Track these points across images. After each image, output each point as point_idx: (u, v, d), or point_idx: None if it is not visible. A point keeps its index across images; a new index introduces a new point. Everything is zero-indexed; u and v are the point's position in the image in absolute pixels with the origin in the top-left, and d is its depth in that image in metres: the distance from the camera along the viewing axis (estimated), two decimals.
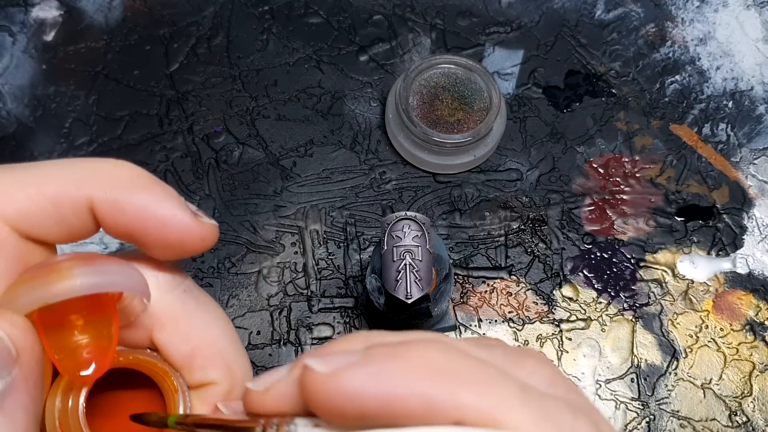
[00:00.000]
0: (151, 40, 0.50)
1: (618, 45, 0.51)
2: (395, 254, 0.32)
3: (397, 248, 0.32)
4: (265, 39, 0.51)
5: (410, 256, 0.32)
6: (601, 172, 0.48)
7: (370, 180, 0.47)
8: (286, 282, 0.45)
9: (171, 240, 0.22)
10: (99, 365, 0.21)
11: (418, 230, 0.33)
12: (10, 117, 0.48)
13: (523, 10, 0.52)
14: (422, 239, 0.33)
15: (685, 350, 0.43)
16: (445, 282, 0.36)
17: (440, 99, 0.46)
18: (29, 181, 0.21)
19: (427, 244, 0.32)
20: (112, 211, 0.21)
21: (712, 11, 0.52)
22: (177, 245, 0.22)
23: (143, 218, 0.21)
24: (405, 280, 0.32)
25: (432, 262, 0.33)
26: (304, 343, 0.43)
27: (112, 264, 0.21)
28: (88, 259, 0.20)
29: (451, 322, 0.42)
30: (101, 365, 0.21)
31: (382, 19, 0.51)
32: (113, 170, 0.22)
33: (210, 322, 0.23)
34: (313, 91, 0.49)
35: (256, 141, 0.48)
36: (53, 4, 0.51)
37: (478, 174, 0.47)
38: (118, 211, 0.21)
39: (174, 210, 0.22)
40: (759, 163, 0.48)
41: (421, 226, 0.33)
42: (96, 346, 0.21)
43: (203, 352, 0.23)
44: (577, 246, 0.46)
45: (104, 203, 0.21)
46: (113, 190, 0.21)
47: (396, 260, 0.32)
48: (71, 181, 0.21)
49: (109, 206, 0.21)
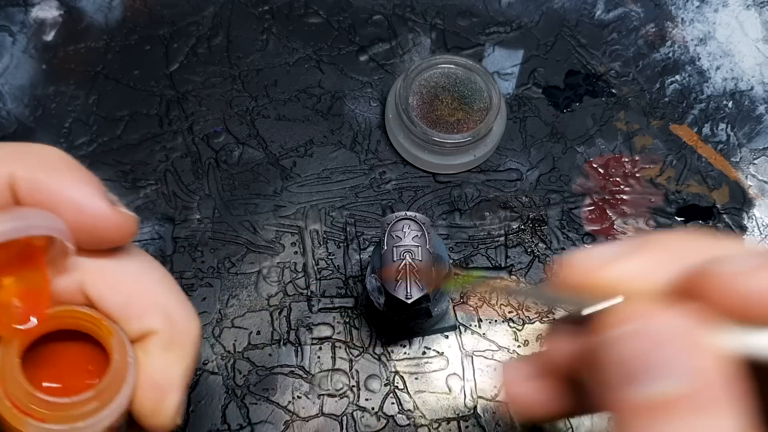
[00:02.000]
0: (151, 40, 0.50)
1: (618, 45, 0.51)
2: (395, 254, 0.32)
3: (397, 248, 0.33)
4: (265, 39, 0.51)
5: (410, 256, 0.32)
6: (601, 172, 0.48)
7: (370, 180, 0.47)
8: (286, 282, 0.45)
9: (86, 225, 0.22)
10: (34, 316, 0.21)
11: (418, 230, 0.33)
12: (10, 117, 0.48)
13: (523, 10, 0.52)
14: (422, 239, 0.33)
15: None
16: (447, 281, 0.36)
17: (440, 99, 0.46)
18: None
19: (427, 244, 0.33)
20: (30, 189, 0.22)
21: (712, 11, 0.52)
22: (91, 231, 0.22)
23: (58, 199, 0.22)
24: (405, 280, 0.32)
25: (432, 262, 0.33)
26: (303, 343, 0.43)
27: (29, 210, 0.21)
28: (5, 208, 0.21)
29: (451, 322, 0.42)
30: (36, 315, 0.21)
31: (382, 19, 0.51)
32: (40, 152, 0.23)
33: (142, 271, 0.24)
34: (313, 91, 0.49)
35: (256, 141, 0.48)
36: (53, 4, 0.51)
37: (478, 174, 0.47)
38: (36, 189, 0.22)
39: (90, 195, 0.22)
40: (759, 163, 0.48)
41: (421, 226, 0.33)
42: (28, 298, 0.21)
43: (138, 301, 0.23)
44: (577, 246, 0.46)
45: (24, 181, 0.22)
46: (34, 169, 0.22)
47: (396, 260, 0.32)
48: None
49: (28, 184, 0.22)
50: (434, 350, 0.43)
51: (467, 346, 0.43)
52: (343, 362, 0.43)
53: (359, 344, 0.43)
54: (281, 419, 0.42)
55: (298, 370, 0.43)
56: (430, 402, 0.42)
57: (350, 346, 0.43)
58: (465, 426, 0.42)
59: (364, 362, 0.43)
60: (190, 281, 0.45)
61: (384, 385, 0.42)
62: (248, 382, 0.42)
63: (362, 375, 0.43)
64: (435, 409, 0.42)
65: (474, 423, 0.42)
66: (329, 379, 0.42)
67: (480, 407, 0.42)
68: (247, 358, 0.43)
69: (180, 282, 0.44)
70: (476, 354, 0.43)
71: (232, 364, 0.43)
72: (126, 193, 0.46)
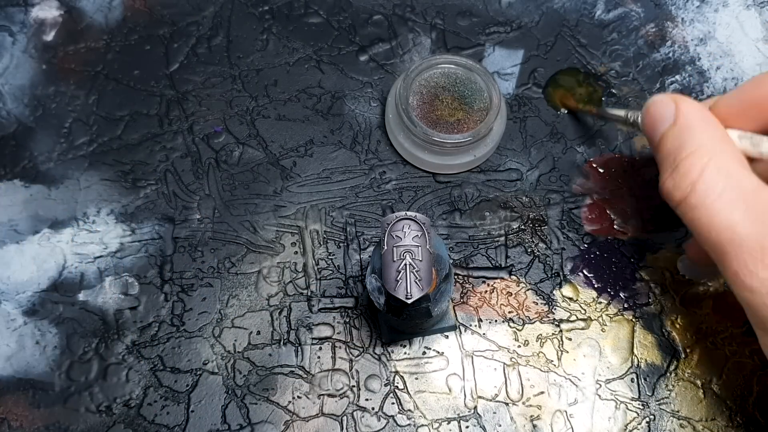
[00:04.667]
0: (151, 40, 0.50)
1: (618, 45, 0.51)
2: (395, 254, 0.32)
3: (397, 248, 0.33)
4: (265, 39, 0.51)
5: (410, 256, 0.32)
6: (601, 172, 0.48)
7: (370, 180, 0.47)
8: (286, 282, 0.45)
9: None
10: None
11: (418, 230, 0.33)
12: (10, 117, 0.48)
13: (523, 10, 0.52)
14: (422, 239, 0.33)
15: (685, 350, 0.43)
16: (445, 282, 0.36)
17: (440, 99, 0.46)
18: None
19: (427, 244, 0.33)
20: None
21: (712, 11, 0.52)
22: None
23: None
24: (405, 280, 0.32)
25: (432, 262, 0.33)
26: (304, 343, 0.43)
27: None
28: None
29: (451, 322, 0.42)
30: None
31: (382, 19, 0.51)
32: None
33: None
34: (313, 91, 0.49)
35: (256, 141, 0.48)
36: (53, 4, 0.51)
37: (478, 174, 0.47)
38: None
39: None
40: None
41: (421, 226, 0.33)
42: None
43: None
44: (577, 246, 0.46)
45: None
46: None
47: (396, 260, 0.32)
48: None
49: None
50: (434, 350, 0.43)
51: (467, 346, 0.43)
52: (343, 362, 0.43)
53: (359, 344, 0.43)
54: (281, 419, 0.42)
55: (298, 370, 0.43)
56: (430, 402, 0.42)
57: (350, 346, 0.43)
58: (465, 426, 0.42)
59: (364, 362, 0.43)
60: (190, 281, 0.45)
61: (384, 385, 0.42)
62: (248, 382, 0.42)
63: (362, 375, 0.43)
64: (435, 409, 0.42)
65: (474, 423, 0.42)
66: (329, 379, 0.43)
67: (480, 407, 0.42)
68: (247, 358, 0.43)
69: (180, 282, 0.44)
70: (476, 354, 0.43)
71: (232, 364, 0.43)
72: (126, 193, 0.47)
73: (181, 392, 0.42)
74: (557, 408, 0.42)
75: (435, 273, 0.35)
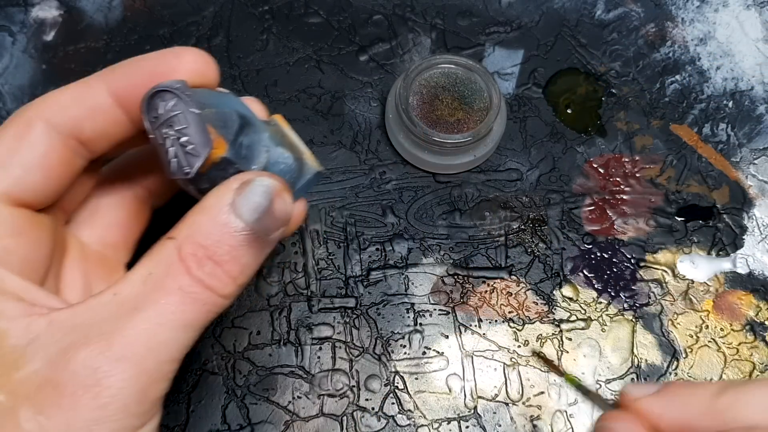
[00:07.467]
0: (151, 40, 0.50)
1: (618, 45, 0.51)
2: (159, 136, 0.28)
3: (159, 128, 0.28)
4: (265, 39, 0.51)
5: (172, 129, 0.28)
6: (601, 172, 0.48)
7: (370, 180, 0.47)
8: (286, 282, 0.45)
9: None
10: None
11: (171, 98, 0.28)
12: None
13: (523, 10, 0.52)
14: (180, 104, 0.28)
15: (685, 350, 0.43)
16: (245, 134, 0.30)
17: (440, 99, 0.46)
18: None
19: (188, 108, 0.28)
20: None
21: (712, 11, 0.52)
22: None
23: None
24: (176, 156, 0.28)
25: (204, 121, 0.28)
26: (304, 343, 0.43)
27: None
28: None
29: (312, 171, 0.36)
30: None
31: (382, 19, 0.51)
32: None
33: None
34: (313, 91, 0.49)
35: None
36: (53, 4, 0.51)
37: (478, 174, 0.47)
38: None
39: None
40: (759, 163, 0.48)
41: (173, 92, 0.28)
42: None
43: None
44: (577, 246, 0.46)
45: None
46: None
47: (162, 142, 0.28)
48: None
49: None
50: (434, 350, 0.43)
51: (467, 346, 0.43)
52: (343, 362, 0.43)
53: (359, 344, 0.43)
54: (281, 419, 0.42)
55: (298, 370, 0.43)
56: (430, 402, 0.42)
57: (350, 346, 0.43)
58: (465, 426, 0.42)
59: (364, 362, 0.43)
60: None
61: (384, 385, 0.42)
62: (248, 382, 0.42)
63: (362, 375, 0.43)
64: (435, 409, 0.42)
65: (474, 423, 0.42)
66: (329, 379, 0.43)
67: (480, 407, 0.42)
68: (247, 358, 0.43)
69: None
70: (476, 354, 0.43)
71: (232, 364, 0.43)
72: None
73: (181, 392, 0.42)
74: (557, 408, 0.42)
75: (216, 131, 0.29)
